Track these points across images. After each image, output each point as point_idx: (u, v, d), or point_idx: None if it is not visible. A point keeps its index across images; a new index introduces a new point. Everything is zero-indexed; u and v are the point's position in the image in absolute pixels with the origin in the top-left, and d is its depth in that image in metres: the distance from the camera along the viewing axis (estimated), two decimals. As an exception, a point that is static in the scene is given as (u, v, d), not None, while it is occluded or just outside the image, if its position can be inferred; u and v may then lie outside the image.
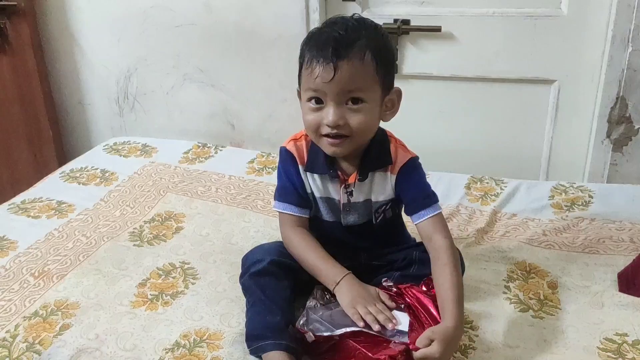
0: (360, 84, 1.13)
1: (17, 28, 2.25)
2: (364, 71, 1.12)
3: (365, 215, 1.27)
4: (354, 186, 1.24)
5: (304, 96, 1.17)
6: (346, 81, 1.11)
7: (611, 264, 1.38)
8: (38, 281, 1.37)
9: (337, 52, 1.10)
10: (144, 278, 1.38)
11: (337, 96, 1.12)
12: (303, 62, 1.16)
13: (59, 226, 1.60)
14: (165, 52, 2.24)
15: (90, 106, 2.46)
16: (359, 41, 1.12)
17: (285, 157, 1.27)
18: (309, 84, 1.14)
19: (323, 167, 1.23)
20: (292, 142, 1.27)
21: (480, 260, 1.41)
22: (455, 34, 1.93)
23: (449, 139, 2.07)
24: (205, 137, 2.28)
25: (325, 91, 1.12)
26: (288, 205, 1.25)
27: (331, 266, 1.18)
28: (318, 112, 1.15)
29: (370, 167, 1.23)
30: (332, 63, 1.10)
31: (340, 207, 1.26)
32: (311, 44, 1.15)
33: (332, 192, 1.26)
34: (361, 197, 1.25)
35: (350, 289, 1.14)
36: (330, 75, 1.10)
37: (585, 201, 1.67)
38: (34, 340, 1.19)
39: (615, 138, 1.87)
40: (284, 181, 1.27)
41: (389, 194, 1.25)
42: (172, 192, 1.80)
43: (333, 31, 1.13)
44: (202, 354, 1.14)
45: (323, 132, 1.16)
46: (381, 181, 1.24)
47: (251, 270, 1.20)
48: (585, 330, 1.17)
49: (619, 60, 1.77)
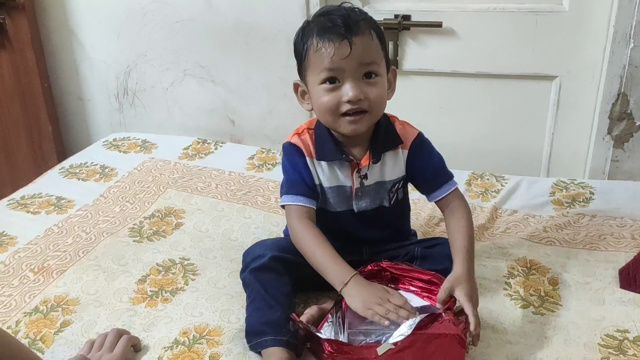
0: (374, 57, 1.16)
1: (16, 24, 2.24)
2: (375, 45, 1.16)
3: (377, 199, 1.27)
4: (367, 169, 1.23)
5: (315, 79, 1.17)
6: (362, 55, 1.13)
7: (612, 260, 1.38)
8: (38, 277, 1.37)
9: (349, 29, 1.12)
10: (143, 274, 1.38)
11: (355, 71, 1.14)
12: (307, 49, 1.17)
13: (59, 222, 1.60)
14: (165, 48, 2.24)
15: (89, 102, 2.45)
16: (362, 20, 1.16)
17: (291, 150, 1.25)
18: (323, 64, 1.14)
19: (334, 153, 1.23)
20: (295, 136, 1.26)
21: (480, 256, 1.40)
22: (456, 29, 1.92)
23: (450, 135, 2.06)
24: (205, 133, 2.28)
25: (343, 67, 1.13)
26: (296, 197, 1.22)
27: (339, 266, 1.14)
28: (334, 92, 1.15)
29: (382, 149, 1.24)
30: (347, 39, 1.12)
31: (352, 194, 1.25)
32: (315, 31, 1.15)
33: (342, 179, 1.25)
34: (373, 180, 1.25)
35: (360, 290, 1.09)
36: (347, 51, 1.12)
37: (586, 198, 1.67)
38: (36, 336, 1.19)
39: (617, 134, 1.86)
40: (290, 174, 1.25)
41: (400, 172, 1.26)
42: (172, 188, 1.79)
43: (334, 15, 1.15)
44: (202, 350, 1.14)
45: (343, 110, 1.16)
46: (392, 161, 1.25)
47: (252, 265, 1.20)
48: (586, 327, 1.17)
49: (620, 57, 1.77)
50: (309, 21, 1.21)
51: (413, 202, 1.64)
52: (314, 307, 1.17)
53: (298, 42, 1.21)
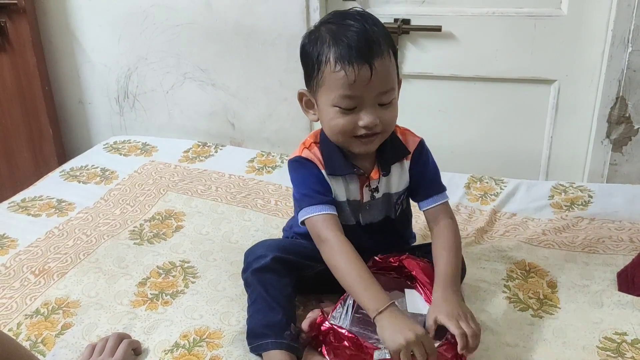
0: (392, 83, 1.11)
1: (17, 27, 2.25)
2: (392, 67, 1.11)
3: (384, 211, 1.26)
4: (378, 182, 1.22)
5: (328, 99, 1.11)
6: (382, 82, 1.08)
7: (610, 263, 1.38)
8: (39, 279, 1.38)
9: (370, 51, 1.06)
10: (144, 277, 1.38)
11: (374, 99, 1.10)
12: (321, 63, 1.10)
13: (59, 224, 1.61)
14: (166, 51, 2.24)
15: (90, 105, 2.46)
16: (381, 37, 1.09)
17: (306, 163, 1.20)
18: (340, 89, 1.08)
19: (344, 167, 1.19)
20: (305, 150, 1.21)
21: (479, 259, 1.41)
22: (456, 33, 1.93)
23: (449, 139, 2.07)
24: (205, 136, 2.29)
25: (362, 95, 1.08)
26: (320, 206, 1.16)
27: (375, 291, 1.06)
28: (349, 115, 1.11)
29: (390, 161, 1.22)
30: (368, 64, 1.06)
31: (360, 207, 1.24)
32: (331, 46, 1.08)
33: (351, 193, 1.22)
34: (382, 192, 1.24)
35: (393, 324, 1.01)
36: (368, 77, 1.06)
37: (584, 201, 1.67)
38: (37, 338, 1.20)
39: (615, 138, 1.87)
40: (307, 187, 1.18)
41: (405, 183, 1.25)
42: (172, 190, 1.80)
43: (352, 28, 1.08)
44: (202, 353, 1.14)
45: (357, 133, 1.12)
46: (398, 172, 1.24)
47: (254, 266, 1.19)
48: (585, 330, 1.18)
49: (618, 60, 1.77)
50: (319, 27, 1.14)
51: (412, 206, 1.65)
52: (316, 311, 1.18)
53: (309, 50, 1.13)
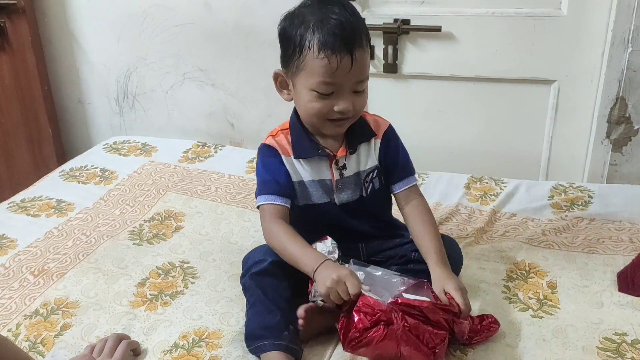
0: (367, 71, 1.18)
1: (16, 27, 2.25)
2: (368, 58, 1.18)
3: (357, 190, 1.29)
4: (345, 160, 1.26)
5: (307, 83, 1.16)
6: (360, 71, 1.15)
7: (610, 263, 1.38)
8: (38, 279, 1.38)
9: (352, 42, 1.11)
10: (143, 277, 1.38)
11: (351, 86, 1.16)
12: (303, 48, 1.14)
13: (59, 225, 1.61)
14: (165, 51, 2.24)
15: (90, 105, 2.46)
16: (360, 26, 1.15)
17: (265, 151, 1.28)
18: (322, 75, 1.13)
19: (310, 150, 1.25)
20: (270, 138, 1.29)
21: (479, 259, 1.41)
22: (455, 34, 1.93)
23: (449, 139, 2.07)
24: (204, 136, 2.28)
25: (341, 82, 1.14)
26: (268, 196, 1.24)
27: (310, 254, 1.15)
28: (325, 100, 1.16)
29: (358, 140, 1.27)
30: (350, 54, 1.11)
31: (332, 186, 1.27)
32: (316, 32, 1.12)
33: (322, 173, 1.27)
34: (352, 171, 1.27)
35: (324, 272, 1.09)
36: (349, 67, 1.12)
37: (584, 201, 1.67)
38: (36, 339, 1.19)
39: (615, 138, 1.87)
40: (262, 174, 1.26)
41: (373, 161, 1.29)
42: (172, 191, 1.80)
43: (335, 16, 1.12)
44: (201, 353, 1.14)
45: (331, 117, 1.18)
46: (366, 151, 1.29)
47: (252, 270, 1.21)
48: (585, 330, 1.18)
49: (618, 61, 1.77)
50: (301, 10, 1.17)
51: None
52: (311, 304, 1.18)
53: (290, 32, 1.17)
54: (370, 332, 1.03)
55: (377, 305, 1.05)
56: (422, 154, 1.66)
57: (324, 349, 1.15)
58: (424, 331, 1.05)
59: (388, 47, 1.96)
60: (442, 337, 1.06)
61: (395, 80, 2.05)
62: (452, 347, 1.14)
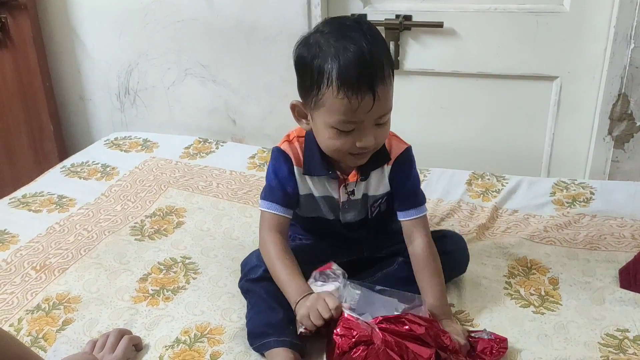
0: (391, 103, 1.12)
1: (18, 23, 2.25)
2: (391, 90, 1.11)
3: (363, 211, 1.28)
4: (355, 185, 1.23)
5: (327, 120, 1.10)
6: (383, 107, 1.09)
7: (612, 260, 1.38)
8: (39, 274, 1.38)
9: (374, 80, 1.05)
10: (145, 273, 1.38)
11: (373, 121, 1.10)
12: (322, 85, 1.07)
13: (60, 220, 1.61)
14: (167, 47, 2.24)
15: (91, 101, 2.46)
16: (382, 57, 1.08)
17: (279, 156, 1.24)
18: (343, 115, 1.07)
19: (320, 169, 1.21)
20: (286, 143, 1.24)
21: (481, 256, 1.41)
22: (457, 30, 1.92)
23: (450, 135, 2.06)
24: (206, 132, 2.28)
25: (363, 119, 1.08)
26: (271, 204, 1.22)
27: (295, 284, 1.13)
28: (347, 137, 1.10)
29: (371, 167, 1.22)
30: (372, 92, 1.05)
31: (339, 206, 1.26)
32: (335, 67, 1.05)
33: (331, 191, 1.25)
34: (359, 195, 1.25)
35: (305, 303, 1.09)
36: (371, 105, 1.06)
37: (586, 198, 1.67)
38: (38, 334, 1.19)
39: (617, 135, 1.86)
40: (271, 180, 1.24)
41: (385, 188, 1.26)
42: (173, 187, 1.80)
43: (357, 51, 1.05)
44: (203, 349, 1.14)
45: (353, 152, 1.13)
46: (378, 176, 1.24)
47: (249, 276, 1.21)
48: (586, 326, 1.18)
49: (620, 57, 1.77)
50: (318, 38, 1.10)
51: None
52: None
53: (307, 63, 1.10)
54: (351, 354, 1.01)
55: (356, 327, 1.02)
56: (424, 151, 1.66)
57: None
58: (407, 349, 1.01)
59: (390, 43, 1.96)
60: (428, 355, 1.02)
61: (397, 77, 2.00)
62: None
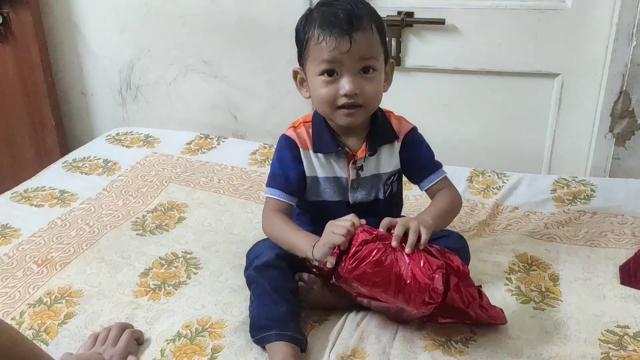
0: (373, 52, 1.18)
1: (20, 18, 2.25)
2: (375, 41, 1.19)
3: (373, 191, 1.29)
4: (363, 161, 1.26)
5: (314, 70, 1.19)
6: (362, 50, 1.16)
7: (613, 257, 1.38)
8: (41, 269, 1.38)
9: (351, 24, 1.14)
10: (146, 267, 1.38)
11: (353, 65, 1.17)
12: (308, 39, 1.19)
13: (62, 215, 1.61)
14: (168, 43, 2.24)
15: (92, 96, 2.46)
16: (365, 15, 1.17)
17: (284, 143, 1.28)
18: (322, 56, 1.16)
19: (330, 145, 1.25)
20: (291, 129, 1.29)
21: (482, 252, 1.41)
22: (459, 26, 1.92)
23: (452, 132, 2.06)
24: (207, 128, 2.28)
25: (342, 61, 1.16)
26: (274, 190, 1.27)
27: (306, 236, 1.18)
28: (332, 84, 1.18)
29: (378, 142, 1.27)
30: (348, 34, 1.14)
31: (348, 185, 1.27)
32: (317, 21, 1.17)
33: (338, 170, 1.27)
34: (369, 172, 1.27)
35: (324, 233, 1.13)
36: (347, 46, 1.14)
37: (587, 195, 1.67)
38: (40, 327, 1.20)
39: (618, 132, 1.86)
40: (274, 167, 1.29)
41: (395, 165, 1.29)
42: (175, 182, 1.80)
43: (338, 7, 1.17)
44: (204, 342, 1.15)
45: (339, 103, 1.19)
46: (388, 154, 1.28)
47: (255, 263, 1.21)
48: (587, 322, 1.18)
49: (622, 54, 1.77)
50: (312, 9, 1.22)
51: (415, 199, 1.66)
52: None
53: (300, 30, 1.23)
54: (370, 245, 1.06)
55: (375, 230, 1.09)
56: (425, 147, 1.66)
57: (327, 337, 1.16)
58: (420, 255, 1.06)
59: (391, 39, 1.96)
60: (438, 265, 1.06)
61: (399, 73, 2.01)
62: (454, 339, 1.14)
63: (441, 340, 1.14)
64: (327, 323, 1.20)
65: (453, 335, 1.15)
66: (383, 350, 1.12)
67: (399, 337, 1.15)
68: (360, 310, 1.21)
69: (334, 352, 1.11)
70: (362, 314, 1.20)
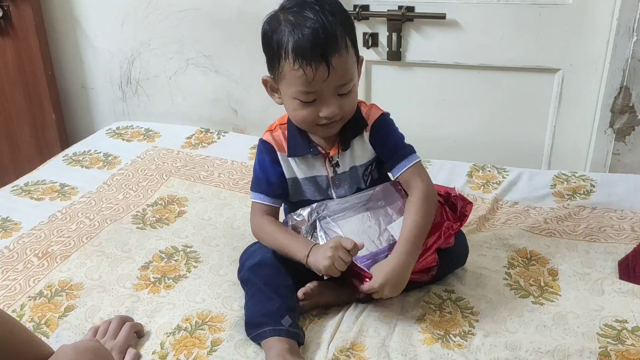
0: (350, 75, 1.16)
1: (20, 11, 2.25)
2: (349, 60, 1.15)
3: (354, 184, 1.29)
4: (338, 157, 1.26)
5: (290, 92, 1.16)
6: (340, 76, 1.13)
7: (612, 252, 1.39)
8: (42, 261, 1.39)
9: (327, 47, 1.10)
10: (146, 261, 1.39)
11: (332, 90, 1.14)
12: (281, 59, 1.13)
13: (62, 208, 1.61)
14: (169, 37, 2.24)
15: (93, 90, 2.46)
16: (337, 29, 1.12)
17: (262, 148, 1.29)
18: (299, 85, 1.13)
19: (303, 148, 1.25)
20: (267, 133, 1.29)
21: (481, 247, 1.42)
22: (460, 21, 1.92)
23: (452, 127, 2.07)
24: (208, 122, 2.28)
25: (321, 89, 1.13)
26: (259, 195, 1.28)
27: (300, 242, 1.20)
28: (310, 107, 1.16)
29: (350, 136, 1.25)
30: (326, 62, 1.10)
31: (329, 183, 1.28)
32: (289, 39, 1.11)
33: (317, 170, 1.27)
34: (346, 167, 1.27)
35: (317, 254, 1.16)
36: (325, 75, 1.11)
37: (587, 190, 1.67)
38: (40, 320, 1.20)
39: (618, 127, 1.86)
40: (257, 172, 1.29)
41: (370, 155, 1.28)
42: (175, 176, 1.80)
43: (308, 19, 1.10)
44: (204, 336, 1.15)
45: (319, 122, 1.18)
46: (360, 145, 1.27)
47: (248, 264, 1.22)
48: (585, 317, 1.18)
49: (623, 50, 1.77)
50: (278, 15, 1.16)
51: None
52: (314, 282, 1.20)
53: (269, 39, 1.17)
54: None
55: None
56: (425, 142, 1.66)
57: (326, 331, 1.16)
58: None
59: (392, 34, 1.96)
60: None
61: (399, 68, 2.05)
62: (452, 333, 1.15)
63: (440, 334, 1.14)
64: (325, 317, 1.20)
65: (452, 329, 1.15)
66: (382, 343, 1.12)
67: (397, 330, 1.15)
68: (359, 304, 1.22)
69: (333, 345, 1.12)
70: (361, 308, 1.21)
